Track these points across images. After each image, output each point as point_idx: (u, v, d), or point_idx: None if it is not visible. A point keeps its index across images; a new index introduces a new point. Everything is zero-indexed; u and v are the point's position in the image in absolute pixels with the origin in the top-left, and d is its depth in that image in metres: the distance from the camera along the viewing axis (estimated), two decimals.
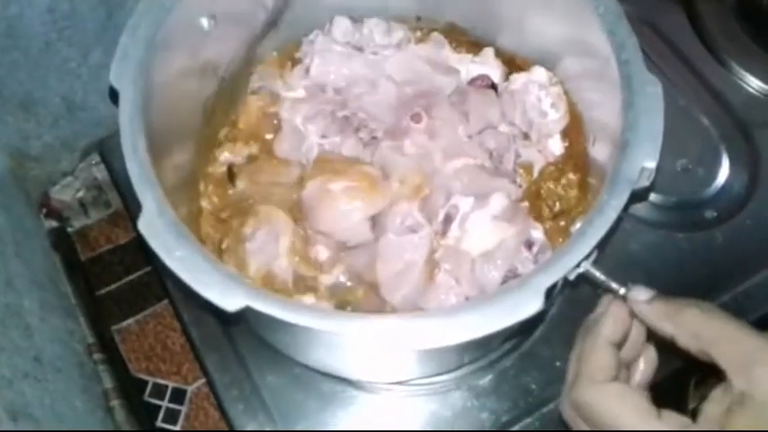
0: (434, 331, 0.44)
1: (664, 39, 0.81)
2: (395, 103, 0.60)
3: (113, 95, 0.53)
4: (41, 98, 0.81)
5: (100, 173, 0.91)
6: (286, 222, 0.62)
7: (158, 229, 0.49)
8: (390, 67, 0.62)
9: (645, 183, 0.46)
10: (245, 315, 0.47)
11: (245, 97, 0.66)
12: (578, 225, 0.48)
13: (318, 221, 0.59)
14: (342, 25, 0.65)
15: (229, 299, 0.46)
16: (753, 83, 0.80)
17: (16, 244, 0.75)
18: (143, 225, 0.49)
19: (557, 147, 0.60)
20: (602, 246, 0.45)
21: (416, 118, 0.60)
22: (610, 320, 0.47)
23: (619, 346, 0.47)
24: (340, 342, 0.51)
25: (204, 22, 0.59)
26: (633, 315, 0.47)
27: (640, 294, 0.47)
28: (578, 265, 0.45)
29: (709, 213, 0.72)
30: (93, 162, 0.90)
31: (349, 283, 0.61)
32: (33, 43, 0.75)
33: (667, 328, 0.45)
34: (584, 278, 0.47)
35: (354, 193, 0.58)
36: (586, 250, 0.45)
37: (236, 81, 0.65)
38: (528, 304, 0.44)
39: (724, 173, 0.74)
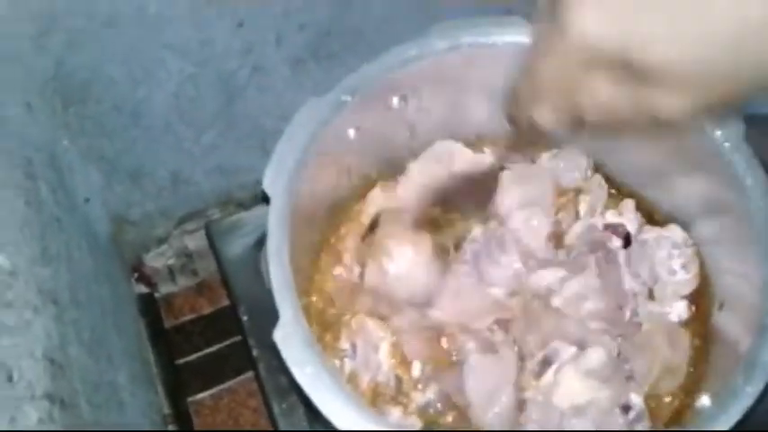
0: None
1: None
2: None
3: (265, 198, 0.55)
4: (151, 171, 0.83)
5: (192, 241, 0.92)
6: (380, 329, 0.63)
7: (293, 341, 0.50)
8: None
9: None
10: None
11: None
12: (706, 402, 0.48)
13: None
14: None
15: (354, 425, 0.48)
16: None
17: (114, 314, 0.76)
18: (279, 336, 0.50)
19: (682, 312, 0.60)
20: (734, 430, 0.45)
21: None
22: None
23: None
24: None
25: (351, 132, 0.62)
26: None
27: None
28: None
29: None
30: (187, 230, 0.92)
31: (439, 405, 0.61)
32: (155, 123, 0.78)
33: None
34: None
35: None
36: None
37: (365, 183, 0.68)
38: None
39: None
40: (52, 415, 0.50)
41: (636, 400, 0.56)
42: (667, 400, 0.57)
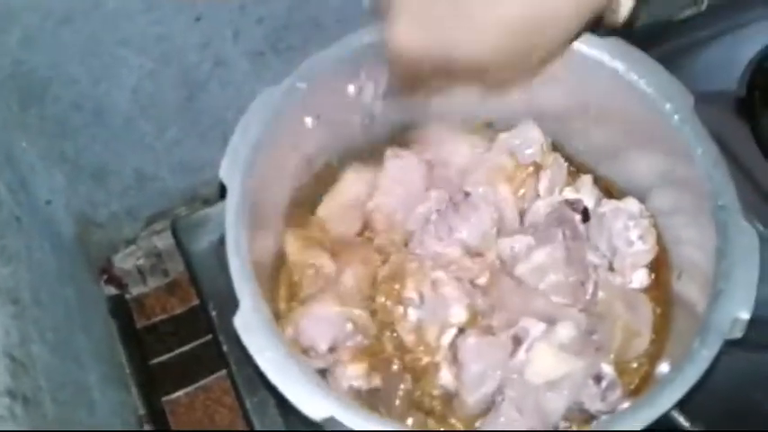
0: None
1: (728, 155, 0.81)
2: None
3: (222, 190, 0.55)
4: (114, 169, 0.83)
5: (161, 241, 0.92)
6: None
7: (253, 327, 0.50)
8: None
9: (737, 334, 0.47)
10: None
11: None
12: (665, 368, 0.48)
13: None
14: None
15: (315, 407, 0.48)
16: None
17: (81, 315, 0.75)
18: (239, 322, 0.50)
19: (643, 279, 0.60)
20: (691, 394, 0.45)
21: None
22: None
23: None
24: None
25: (309, 121, 0.62)
26: None
27: None
28: (666, 414, 0.45)
29: None
30: (156, 230, 0.92)
31: None
32: (115, 119, 0.77)
33: None
34: (666, 421, 0.47)
35: None
36: (675, 399, 0.45)
37: (327, 171, 0.68)
38: None
39: None
40: (14, 411, 0.49)
41: (607, 369, 0.56)
42: (634, 366, 0.58)
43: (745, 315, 0.47)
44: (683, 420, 0.47)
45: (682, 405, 0.45)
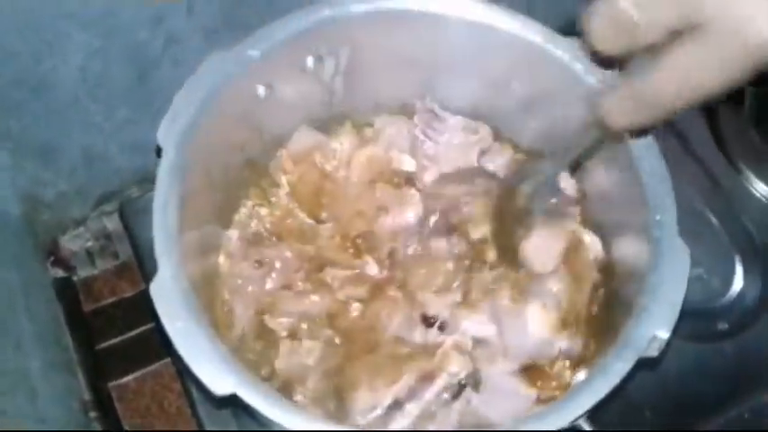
0: None
1: (683, 144, 0.82)
2: None
3: (159, 151, 0.53)
4: (62, 148, 0.80)
5: (111, 223, 0.89)
6: None
7: (168, 295, 0.49)
8: None
9: (653, 353, 0.46)
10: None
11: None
12: (581, 377, 0.47)
13: None
14: None
15: (219, 382, 0.46)
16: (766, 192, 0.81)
17: (25, 298, 0.73)
18: (154, 288, 0.49)
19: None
20: (599, 405, 0.45)
21: None
22: None
23: None
24: None
25: (261, 90, 0.60)
26: None
27: None
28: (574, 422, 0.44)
29: (721, 325, 0.72)
30: (105, 211, 0.89)
31: None
32: (61, 97, 0.75)
33: None
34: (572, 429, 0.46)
35: None
36: (581, 411, 0.44)
37: (278, 143, 0.66)
38: None
39: (738, 284, 0.74)
40: None
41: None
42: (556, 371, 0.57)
43: (665, 335, 0.46)
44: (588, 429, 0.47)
45: (593, 414, 0.45)
